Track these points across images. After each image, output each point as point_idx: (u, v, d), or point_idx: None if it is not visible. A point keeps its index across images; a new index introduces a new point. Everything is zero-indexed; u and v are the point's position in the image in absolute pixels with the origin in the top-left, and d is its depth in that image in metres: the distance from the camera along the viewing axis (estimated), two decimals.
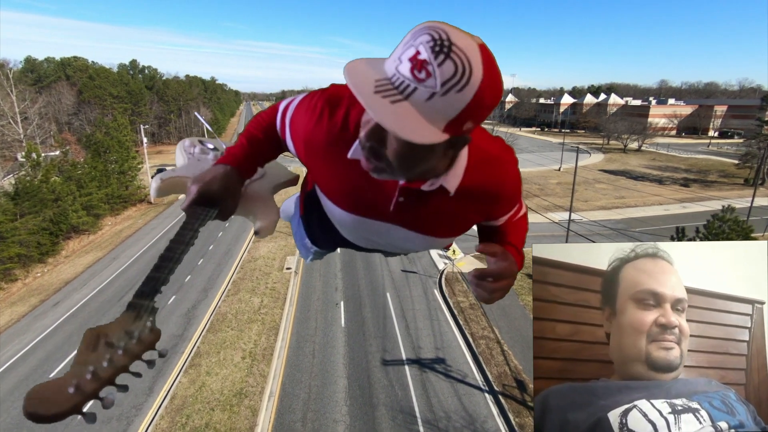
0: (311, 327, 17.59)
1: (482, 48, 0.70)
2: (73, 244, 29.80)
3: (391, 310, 18.55)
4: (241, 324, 17.71)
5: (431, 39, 0.67)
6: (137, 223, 33.18)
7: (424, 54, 0.67)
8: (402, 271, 22.62)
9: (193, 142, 1.65)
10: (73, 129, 71.30)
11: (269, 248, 26.26)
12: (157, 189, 1.24)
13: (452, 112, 0.70)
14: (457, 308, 18.36)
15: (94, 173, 33.64)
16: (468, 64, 0.67)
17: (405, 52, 0.70)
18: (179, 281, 22.08)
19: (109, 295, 20.89)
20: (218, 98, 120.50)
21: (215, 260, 24.74)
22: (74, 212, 29.16)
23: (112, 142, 37.89)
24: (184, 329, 17.44)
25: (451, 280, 21.22)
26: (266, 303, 19.46)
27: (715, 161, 59.23)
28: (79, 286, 22.18)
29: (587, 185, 47.43)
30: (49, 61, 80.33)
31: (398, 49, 0.73)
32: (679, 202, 38.74)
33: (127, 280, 22.43)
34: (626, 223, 32.58)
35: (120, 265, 24.70)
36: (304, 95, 1.13)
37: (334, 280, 21.83)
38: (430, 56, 0.67)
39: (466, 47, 0.68)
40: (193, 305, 19.42)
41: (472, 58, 0.68)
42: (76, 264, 25.68)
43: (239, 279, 21.98)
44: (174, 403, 13.26)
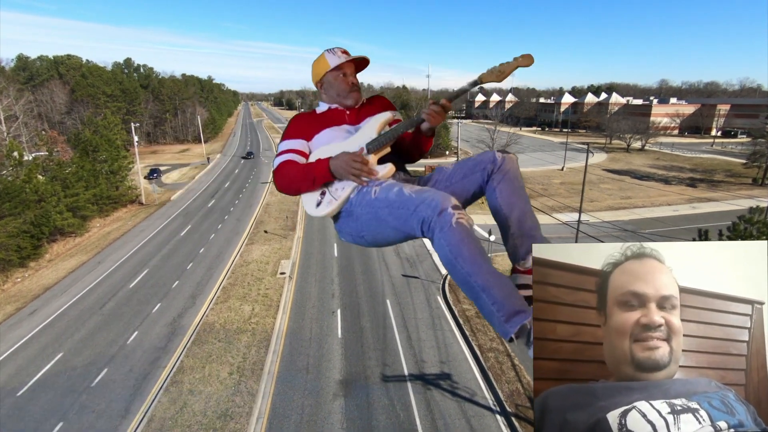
0: (305, 338, 16.29)
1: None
2: (58, 247, 28.44)
3: (391, 319, 17.26)
4: (229, 335, 16.39)
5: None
6: (126, 225, 31.83)
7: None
8: (403, 275, 21.33)
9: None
10: (66, 128, 69.92)
11: (263, 251, 24.95)
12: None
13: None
14: (463, 317, 17.08)
15: (82, 173, 32.28)
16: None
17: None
18: (166, 287, 20.78)
19: (90, 302, 19.56)
20: (215, 97, 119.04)
21: (205, 264, 23.42)
22: (58, 214, 27.81)
23: (101, 140, 36.54)
24: (168, 341, 16.12)
25: (455, 285, 19.90)
26: (257, 311, 18.15)
27: (720, 161, 58.08)
28: (59, 293, 20.83)
29: (592, 185, 46.16)
30: (41, 59, 78.74)
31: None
32: (688, 202, 37.52)
33: (111, 287, 21.10)
34: (635, 224, 31.35)
35: (104, 269, 23.34)
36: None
37: (331, 286, 20.53)
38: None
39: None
40: (179, 314, 18.10)
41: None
42: (59, 268, 24.33)
43: (230, 285, 20.66)
44: (151, 426, 11.94)
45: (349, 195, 1.83)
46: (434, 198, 1.50)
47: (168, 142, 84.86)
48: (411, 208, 1.55)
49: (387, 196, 1.68)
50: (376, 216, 1.71)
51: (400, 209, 1.60)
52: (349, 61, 2.06)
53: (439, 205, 1.47)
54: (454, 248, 1.41)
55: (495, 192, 1.75)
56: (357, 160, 1.80)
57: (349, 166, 1.79)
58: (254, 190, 41.63)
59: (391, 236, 1.74)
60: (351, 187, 1.83)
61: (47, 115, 71.44)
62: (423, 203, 1.52)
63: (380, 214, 1.69)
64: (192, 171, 53.44)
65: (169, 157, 67.51)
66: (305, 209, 1.94)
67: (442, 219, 1.45)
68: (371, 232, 1.79)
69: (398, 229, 1.65)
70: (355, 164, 1.79)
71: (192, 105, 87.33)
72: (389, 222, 1.66)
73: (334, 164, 1.82)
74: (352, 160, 1.80)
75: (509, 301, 1.35)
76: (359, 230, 1.83)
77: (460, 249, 1.41)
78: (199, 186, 44.32)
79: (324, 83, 2.10)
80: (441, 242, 1.45)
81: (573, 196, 40.76)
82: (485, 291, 1.38)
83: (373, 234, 1.79)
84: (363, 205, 1.78)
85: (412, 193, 1.60)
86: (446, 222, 1.44)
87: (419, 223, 1.52)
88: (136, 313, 18.31)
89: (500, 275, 1.40)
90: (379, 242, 1.84)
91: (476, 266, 1.40)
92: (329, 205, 1.85)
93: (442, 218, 1.45)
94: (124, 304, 19.22)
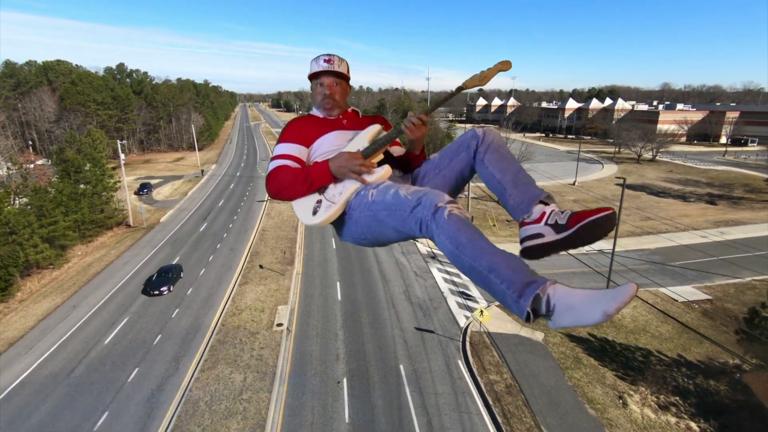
0: (306, 421, 13.73)
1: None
2: (32, 283, 25.78)
3: (407, 395, 14.71)
4: (215, 419, 13.81)
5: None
6: (109, 255, 29.18)
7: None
8: (416, 329, 18.80)
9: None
10: (55, 137, 67.09)
11: (257, 294, 22.35)
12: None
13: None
14: (492, 394, 14.55)
15: (61, 198, 29.63)
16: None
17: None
18: (146, 344, 18.19)
19: (57, 366, 16.92)
20: (211, 102, 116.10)
21: (192, 311, 20.81)
22: (32, 248, 25.16)
23: (84, 160, 33.86)
24: (143, 426, 13.54)
25: (477, 344, 17.43)
26: (250, 381, 15.58)
27: (737, 174, 55.83)
28: (23, 350, 18.19)
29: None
30: (30, 64, 75.82)
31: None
32: (714, 225, 35.11)
33: (83, 342, 18.48)
34: (663, 254, 28.91)
35: (79, 317, 20.71)
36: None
37: (335, 343, 17.98)
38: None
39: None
40: (159, 385, 15.51)
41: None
42: (29, 314, 21.67)
43: (218, 343, 18.07)
44: None
45: (348, 198, 1.83)
46: (428, 198, 1.52)
47: (162, 150, 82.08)
48: (408, 210, 1.56)
49: (384, 198, 1.69)
50: (376, 218, 1.71)
51: (397, 211, 1.61)
52: (325, 72, 2.06)
53: (433, 205, 1.49)
54: (453, 239, 1.42)
55: (484, 163, 1.78)
56: (357, 157, 1.83)
57: (349, 163, 1.81)
58: (249, 210, 39.02)
59: (393, 236, 1.72)
60: (349, 191, 1.83)
61: (35, 124, 68.66)
62: (419, 205, 1.53)
63: (379, 216, 1.69)
64: (185, 185, 50.76)
65: (162, 167, 64.78)
66: (301, 220, 1.90)
67: (437, 217, 1.47)
68: (372, 233, 1.77)
69: (398, 230, 1.64)
70: (355, 162, 1.81)
71: (187, 111, 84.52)
72: (389, 223, 1.66)
73: (333, 164, 1.84)
74: (352, 158, 1.82)
75: (518, 275, 1.30)
76: (360, 233, 1.82)
77: (459, 238, 1.41)
78: (191, 204, 41.67)
79: (311, 89, 2.15)
80: (441, 238, 1.45)
81: None
82: (492, 271, 1.34)
83: (374, 235, 1.77)
84: (361, 208, 1.78)
85: (408, 195, 1.61)
86: (441, 218, 1.45)
87: (417, 224, 1.53)
88: (108, 383, 15.70)
89: (504, 252, 1.37)
90: (381, 242, 1.82)
91: (478, 249, 1.38)
92: (328, 210, 1.83)
93: (438, 216, 1.47)
94: (95, 369, 16.60)
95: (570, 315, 1.20)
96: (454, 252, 1.40)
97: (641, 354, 17.76)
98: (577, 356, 16.90)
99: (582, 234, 1.42)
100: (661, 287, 23.55)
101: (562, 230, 1.47)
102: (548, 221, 1.53)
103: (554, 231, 1.49)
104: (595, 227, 1.40)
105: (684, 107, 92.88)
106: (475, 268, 1.36)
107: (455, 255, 1.41)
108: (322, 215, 1.82)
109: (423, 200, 1.52)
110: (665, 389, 15.47)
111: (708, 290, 23.42)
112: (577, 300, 1.20)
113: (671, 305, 21.47)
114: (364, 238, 1.83)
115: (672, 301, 21.93)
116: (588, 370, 16.02)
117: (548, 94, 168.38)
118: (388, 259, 26.89)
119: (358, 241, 1.88)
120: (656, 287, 23.48)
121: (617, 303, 1.13)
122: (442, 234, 1.43)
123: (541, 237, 1.52)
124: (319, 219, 1.82)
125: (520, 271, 1.30)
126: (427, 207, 1.48)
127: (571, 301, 1.21)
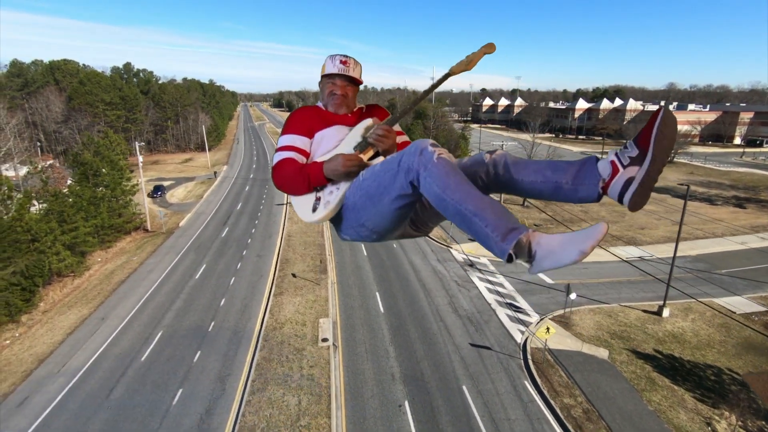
0: None
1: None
2: (54, 293, 24.69)
3: (478, 422, 13.67)
4: None
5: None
6: (132, 262, 28.08)
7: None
8: (471, 345, 17.77)
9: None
10: (62, 138, 65.91)
11: (296, 306, 21.28)
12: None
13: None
14: (571, 420, 13.51)
15: (81, 203, 28.55)
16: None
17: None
18: (186, 361, 17.14)
19: (94, 386, 15.84)
20: (217, 102, 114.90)
21: (230, 323, 19.75)
22: (55, 255, 24.09)
23: (102, 163, 32.75)
24: None
25: (540, 363, 16.38)
26: (306, 405, 14.53)
27: (760, 176, 54.93)
28: (55, 369, 17.11)
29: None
30: (36, 64, 74.59)
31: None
32: (753, 231, 34.12)
33: (118, 359, 17.40)
34: (705, 261, 27.89)
35: (109, 331, 19.63)
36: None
37: (387, 361, 16.93)
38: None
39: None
40: (207, 409, 14.45)
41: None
42: (55, 327, 20.59)
43: (264, 360, 17.01)
44: None
45: (345, 192, 1.80)
46: (414, 144, 1.51)
47: (169, 151, 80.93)
48: (395, 165, 1.54)
49: (372, 170, 1.69)
50: (368, 194, 1.67)
51: (386, 172, 1.58)
52: (340, 74, 2.02)
53: (419, 147, 1.48)
54: (441, 182, 1.41)
55: (516, 179, 1.64)
56: (352, 159, 1.78)
57: (345, 167, 1.76)
58: (270, 214, 37.93)
59: (388, 212, 1.63)
60: (346, 187, 1.80)
61: (42, 124, 67.41)
62: (404, 154, 1.52)
63: (371, 190, 1.65)
64: (199, 187, 49.67)
65: (171, 168, 63.67)
66: (301, 217, 1.89)
67: (423, 158, 1.45)
68: (369, 215, 1.70)
69: (391, 196, 1.58)
70: (350, 164, 1.77)
71: (194, 111, 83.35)
72: (380, 192, 1.61)
73: (328, 167, 1.80)
74: (347, 160, 1.77)
75: (502, 221, 1.32)
76: (358, 219, 1.76)
77: (447, 181, 1.40)
78: (208, 208, 40.58)
79: (321, 85, 2.10)
80: (428, 180, 1.43)
81: (618, 221, 37.36)
82: (477, 215, 1.35)
83: (372, 217, 1.70)
84: (354, 190, 1.75)
85: (394, 155, 1.60)
86: (428, 159, 1.44)
87: (405, 174, 1.49)
88: (152, 407, 14.63)
89: (491, 200, 1.39)
90: (380, 226, 1.73)
91: (465, 193, 1.38)
92: (326, 207, 1.81)
93: (424, 157, 1.45)
94: (135, 390, 15.54)
95: (549, 258, 1.23)
96: (440, 195, 1.40)
97: (712, 372, 16.75)
98: (649, 376, 15.87)
99: (659, 149, 1.33)
100: (713, 297, 22.55)
101: (643, 158, 1.36)
102: (624, 163, 1.40)
103: (637, 165, 1.37)
104: (663, 138, 1.32)
105: (696, 107, 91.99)
106: (461, 211, 1.37)
107: (440, 198, 1.41)
108: (321, 212, 1.82)
109: (409, 148, 1.51)
110: (748, 412, 14.46)
111: (764, 301, 22.42)
112: (555, 244, 1.24)
113: (730, 319, 20.45)
114: (363, 224, 1.76)
115: (730, 314, 20.91)
116: (665, 393, 14.99)
117: (552, 94, 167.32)
118: (425, 267, 25.84)
119: (358, 232, 1.82)
120: (708, 297, 22.47)
121: (591, 241, 1.17)
122: (429, 177, 1.42)
123: (633, 179, 1.37)
124: (318, 216, 1.83)
125: (504, 217, 1.32)
126: (413, 152, 1.48)
127: (551, 246, 1.24)
